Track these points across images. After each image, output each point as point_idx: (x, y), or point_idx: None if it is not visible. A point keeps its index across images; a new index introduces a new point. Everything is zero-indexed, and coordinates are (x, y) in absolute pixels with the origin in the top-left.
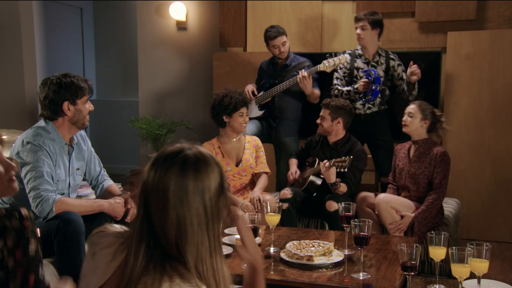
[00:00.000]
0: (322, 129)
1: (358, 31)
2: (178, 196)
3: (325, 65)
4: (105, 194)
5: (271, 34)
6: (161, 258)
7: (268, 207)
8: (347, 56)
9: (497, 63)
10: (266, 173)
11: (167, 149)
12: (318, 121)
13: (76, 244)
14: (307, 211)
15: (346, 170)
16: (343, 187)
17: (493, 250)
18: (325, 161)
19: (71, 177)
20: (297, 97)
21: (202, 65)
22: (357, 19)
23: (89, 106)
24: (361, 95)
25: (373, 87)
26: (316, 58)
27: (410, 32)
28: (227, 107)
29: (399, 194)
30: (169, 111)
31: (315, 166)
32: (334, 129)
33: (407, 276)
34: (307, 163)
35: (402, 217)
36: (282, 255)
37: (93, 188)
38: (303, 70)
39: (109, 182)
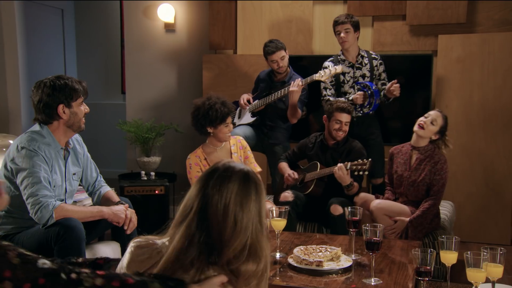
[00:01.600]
0: (342, 135)
1: (342, 34)
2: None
3: (321, 75)
4: (103, 201)
5: (269, 50)
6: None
7: (274, 212)
8: (342, 66)
9: (487, 66)
10: (258, 172)
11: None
12: (345, 128)
13: (77, 251)
14: (304, 215)
15: (367, 173)
16: (356, 187)
17: None
18: (339, 165)
19: (68, 182)
20: (285, 109)
21: (191, 67)
22: (339, 23)
23: (85, 108)
24: (357, 107)
25: (371, 101)
26: (307, 60)
27: (401, 35)
28: (214, 120)
29: (396, 198)
30: (158, 114)
31: (318, 170)
32: None
33: (421, 281)
34: (301, 167)
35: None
36: (290, 260)
37: (89, 194)
38: (299, 79)
39: (106, 189)
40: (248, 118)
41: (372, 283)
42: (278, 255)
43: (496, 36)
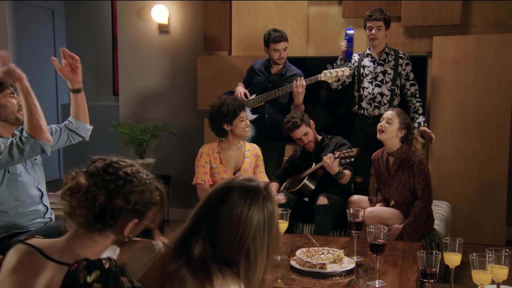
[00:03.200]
0: (311, 145)
1: (374, 31)
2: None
3: (326, 76)
4: None
5: (276, 38)
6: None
7: None
8: (349, 69)
9: (481, 67)
10: (266, 183)
11: (240, 181)
12: (305, 139)
13: None
14: (300, 217)
15: (353, 159)
16: (347, 174)
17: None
18: (328, 154)
19: (32, 170)
20: (286, 104)
21: (185, 69)
22: (373, 19)
23: (18, 102)
24: (346, 60)
25: (350, 43)
26: (302, 61)
27: (396, 36)
28: (227, 115)
29: (388, 202)
30: (151, 116)
31: (313, 167)
32: (315, 135)
33: (426, 284)
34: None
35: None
36: (293, 263)
37: None
38: (302, 78)
39: None
40: (249, 115)
41: (377, 286)
42: (279, 257)
43: (490, 37)
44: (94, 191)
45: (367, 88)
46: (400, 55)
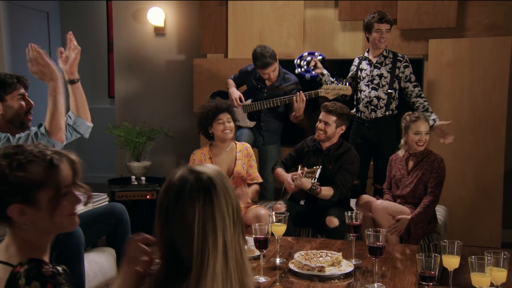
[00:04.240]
0: (324, 135)
1: (384, 34)
2: (202, 228)
3: (326, 91)
4: None
5: (263, 66)
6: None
7: (274, 217)
8: (350, 88)
9: (477, 70)
10: (260, 183)
11: (176, 179)
12: (321, 126)
13: (76, 256)
14: (297, 221)
15: (315, 180)
16: (325, 190)
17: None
18: (299, 171)
19: None
20: (282, 112)
21: (181, 71)
22: (384, 21)
23: (27, 104)
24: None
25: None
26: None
27: (392, 39)
28: (207, 118)
29: (394, 201)
30: (147, 119)
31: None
32: (335, 135)
33: (426, 287)
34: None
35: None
36: (291, 266)
37: None
38: (301, 92)
39: None
40: (245, 122)
41: None
42: (278, 260)
43: (485, 40)
44: None
45: (364, 91)
46: (398, 57)
